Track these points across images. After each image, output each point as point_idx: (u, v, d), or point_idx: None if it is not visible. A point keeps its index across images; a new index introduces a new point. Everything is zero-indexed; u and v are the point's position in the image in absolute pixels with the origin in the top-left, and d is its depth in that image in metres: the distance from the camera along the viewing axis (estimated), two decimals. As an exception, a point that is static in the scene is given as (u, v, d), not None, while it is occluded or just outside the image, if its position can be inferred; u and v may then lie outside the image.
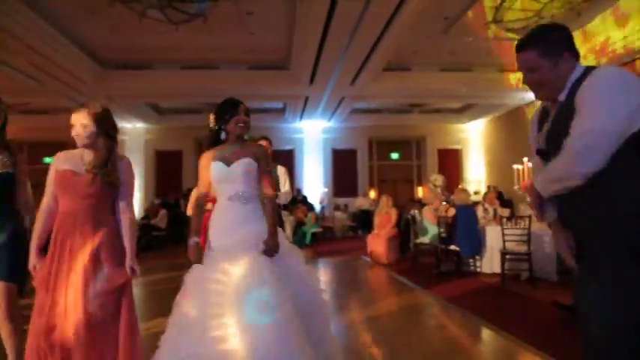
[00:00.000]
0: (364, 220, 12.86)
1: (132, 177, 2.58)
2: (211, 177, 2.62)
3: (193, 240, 2.55)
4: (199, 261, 2.49)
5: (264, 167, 2.64)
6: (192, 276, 2.46)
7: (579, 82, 1.71)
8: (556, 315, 4.36)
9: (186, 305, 2.36)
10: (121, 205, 2.50)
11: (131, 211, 2.55)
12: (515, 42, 1.88)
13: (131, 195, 2.57)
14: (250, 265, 2.33)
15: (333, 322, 2.67)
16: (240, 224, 2.52)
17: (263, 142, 4.76)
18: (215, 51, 9.34)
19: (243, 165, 2.57)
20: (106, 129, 2.49)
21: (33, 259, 2.41)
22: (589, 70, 1.74)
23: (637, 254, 1.59)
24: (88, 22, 7.74)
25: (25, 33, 7.23)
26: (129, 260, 2.45)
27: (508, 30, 7.88)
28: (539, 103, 2.01)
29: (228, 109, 2.64)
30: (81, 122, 2.43)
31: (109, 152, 2.48)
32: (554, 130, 1.79)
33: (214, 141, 2.69)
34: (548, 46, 1.76)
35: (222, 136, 2.66)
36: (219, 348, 2.16)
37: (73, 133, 2.45)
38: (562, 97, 1.77)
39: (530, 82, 1.84)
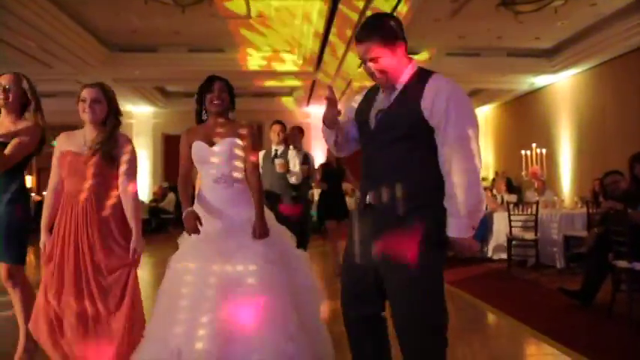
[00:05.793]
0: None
1: (134, 155, 2.56)
2: (193, 157, 2.50)
3: (187, 210, 2.38)
4: (196, 229, 2.32)
5: (250, 146, 2.47)
6: (178, 266, 2.34)
7: (421, 79, 1.83)
8: (562, 301, 4.39)
9: (174, 295, 2.25)
10: (124, 183, 2.48)
11: (134, 189, 2.50)
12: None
13: (134, 173, 2.54)
14: (242, 254, 2.23)
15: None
16: (226, 208, 2.39)
17: (276, 127, 4.80)
18: (222, 34, 9.27)
19: (227, 145, 2.43)
20: (115, 108, 2.53)
21: (43, 236, 2.48)
22: (425, 72, 1.88)
23: None
24: (95, 5, 7.68)
25: (32, 15, 7.19)
26: (134, 240, 2.44)
27: (517, 13, 7.74)
28: (547, 90, 2.01)
29: (203, 87, 2.50)
30: (92, 97, 2.44)
31: (113, 130, 2.51)
32: (393, 112, 1.86)
33: (198, 121, 2.60)
34: (386, 35, 1.84)
35: (204, 116, 2.55)
36: (213, 338, 2.06)
37: (82, 108, 2.44)
38: (399, 86, 1.87)
39: (373, 71, 1.87)
